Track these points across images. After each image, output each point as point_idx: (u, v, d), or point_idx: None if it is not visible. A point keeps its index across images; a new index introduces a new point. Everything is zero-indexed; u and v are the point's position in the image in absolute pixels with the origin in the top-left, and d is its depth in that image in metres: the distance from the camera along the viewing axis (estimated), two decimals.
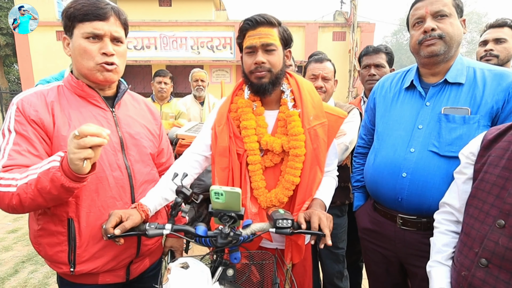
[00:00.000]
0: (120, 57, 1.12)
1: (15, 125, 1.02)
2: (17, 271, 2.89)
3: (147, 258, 1.30)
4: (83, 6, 1.03)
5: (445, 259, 1.02)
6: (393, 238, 1.33)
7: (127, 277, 1.23)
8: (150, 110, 1.35)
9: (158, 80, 3.27)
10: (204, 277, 0.93)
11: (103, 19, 1.05)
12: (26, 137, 1.01)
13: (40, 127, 1.03)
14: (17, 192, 0.93)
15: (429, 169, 1.20)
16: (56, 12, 12.52)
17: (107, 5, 1.07)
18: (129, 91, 1.29)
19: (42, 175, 0.92)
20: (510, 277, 0.81)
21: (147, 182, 1.22)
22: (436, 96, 1.26)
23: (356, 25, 11.91)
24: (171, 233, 1.03)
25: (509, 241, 0.83)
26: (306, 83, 1.30)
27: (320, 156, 1.22)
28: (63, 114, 1.07)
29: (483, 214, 0.91)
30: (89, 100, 1.13)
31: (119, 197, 1.13)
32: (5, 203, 0.96)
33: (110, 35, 1.07)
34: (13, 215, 4.29)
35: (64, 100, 1.10)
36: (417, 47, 1.25)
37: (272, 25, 1.18)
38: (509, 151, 0.90)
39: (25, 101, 1.04)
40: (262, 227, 1.06)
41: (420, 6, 1.23)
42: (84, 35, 1.05)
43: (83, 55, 1.06)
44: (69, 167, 0.89)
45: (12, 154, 0.99)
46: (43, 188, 0.92)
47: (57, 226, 1.08)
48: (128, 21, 1.16)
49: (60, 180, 0.91)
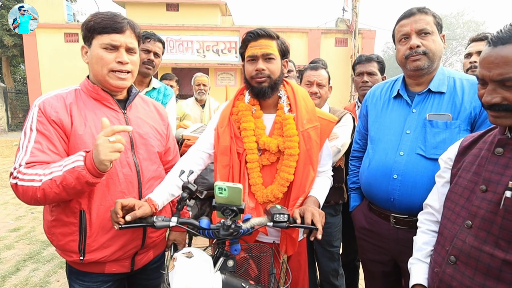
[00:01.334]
0: (133, 65, 1.23)
1: (37, 125, 1.11)
2: (19, 269, 2.92)
3: (151, 250, 1.38)
4: (103, 20, 1.15)
5: (424, 257, 1.09)
6: (387, 236, 1.41)
7: (132, 267, 1.31)
8: (158, 112, 1.44)
9: (165, 83, 3.38)
10: (206, 265, 1.02)
11: (120, 32, 1.17)
12: (47, 136, 1.11)
13: (60, 127, 1.13)
14: (42, 187, 1.03)
15: (417, 170, 1.30)
16: (65, 14, 12.73)
17: (124, 19, 1.19)
18: (139, 94, 1.39)
19: (67, 173, 1.02)
20: (474, 273, 0.88)
21: (154, 179, 1.31)
22: (421, 103, 1.36)
23: (358, 31, 12.08)
24: (177, 225, 1.12)
25: (474, 240, 0.89)
26: (301, 90, 1.41)
27: (313, 156, 1.33)
28: (80, 115, 1.17)
29: (454, 215, 0.98)
30: (103, 102, 1.23)
31: (128, 191, 1.22)
32: (28, 196, 1.06)
33: (125, 46, 1.19)
34: (15, 214, 4.37)
35: (81, 102, 1.20)
36: (404, 61, 1.35)
37: (272, 38, 1.30)
38: (479, 158, 0.97)
39: (46, 103, 1.14)
40: (261, 222, 1.16)
41: (405, 23, 1.33)
42: (102, 45, 1.16)
43: (99, 62, 1.17)
44: (93, 166, 1.01)
45: (34, 152, 1.09)
46: (68, 184, 1.03)
47: (70, 217, 1.17)
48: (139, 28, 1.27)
49: (85, 178, 1.02)
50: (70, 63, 12.70)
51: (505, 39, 0.81)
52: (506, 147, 0.89)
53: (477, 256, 0.88)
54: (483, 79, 0.87)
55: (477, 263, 0.88)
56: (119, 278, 1.33)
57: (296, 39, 12.70)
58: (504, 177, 0.86)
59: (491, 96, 0.85)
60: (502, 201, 0.84)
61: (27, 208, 4.55)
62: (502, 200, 0.84)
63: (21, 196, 1.08)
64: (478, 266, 0.87)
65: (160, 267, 1.48)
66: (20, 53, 15.29)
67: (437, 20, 1.33)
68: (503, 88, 0.83)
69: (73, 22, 13.21)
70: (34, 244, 3.44)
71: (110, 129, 1.01)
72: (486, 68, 0.84)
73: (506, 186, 0.84)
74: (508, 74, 0.80)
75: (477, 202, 0.91)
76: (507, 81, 0.81)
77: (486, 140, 0.98)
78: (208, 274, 0.99)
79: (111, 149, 1.00)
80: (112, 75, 1.18)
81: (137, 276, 1.41)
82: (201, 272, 0.98)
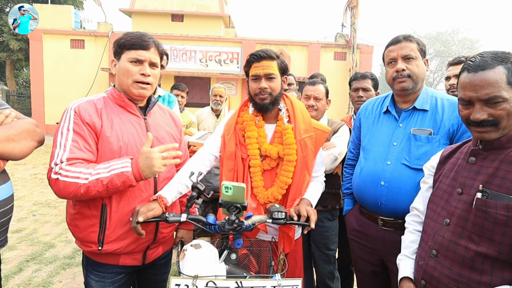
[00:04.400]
0: (154, 78, 1.39)
1: (73, 126, 1.25)
2: (21, 270, 2.95)
3: (161, 246, 1.49)
4: (132, 38, 1.33)
5: (411, 253, 1.21)
6: (376, 237, 1.55)
7: (143, 261, 1.42)
8: (173, 119, 1.60)
9: (176, 93, 3.57)
10: (213, 256, 1.15)
11: (145, 49, 1.33)
12: (83, 136, 1.25)
13: (92, 129, 1.28)
14: (88, 184, 1.17)
15: (402, 178, 1.44)
16: (72, 22, 12.93)
17: (150, 39, 1.36)
18: (157, 103, 1.55)
19: (115, 176, 1.19)
20: (452, 264, 1.02)
21: (168, 178, 1.44)
22: (407, 119, 1.52)
23: (356, 46, 12.38)
24: (187, 220, 1.25)
25: (452, 235, 1.03)
26: (298, 103, 1.58)
27: (308, 162, 1.49)
28: (108, 119, 1.32)
29: (436, 214, 1.12)
30: (127, 109, 1.38)
31: (145, 189, 1.36)
32: (69, 191, 1.18)
33: (149, 61, 1.35)
34: (16, 216, 4.29)
35: (109, 108, 1.35)
36: (391, 82, 1.52)
37: (273, 59, 1.47)
38: (456, 166, 1.12)
39: (81, 107, 1.29)
40: (261, 219, 1.29)
41: (393, 49, 1.50)
42: (130, 59, 1.33)
43: (126, 74, 1.33)
44: (139, 173, 1.20)
45: (73, 149, 1.23)
46: (113, 185, 1.19)
47: (92, 211, 1.30)
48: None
49: (130, 182, 1.20)
50: (74, 68, 12.89)
51: (482, 66, 0.98)
52: (478, 156, 1.05)
53: (454, 249, 1.01)
54: (469, 100, 1.01)
55: (454, 255, 1.01)
56: (130, 271, 1.45)
57: (297, 52, 12.96)
58: (476, 182, 1.01)
59: (480, 114, 0.99)
60: (474, 202, 0.99)
61: (28, 211, 4.60)
62: (474, 200, 0.99)
63: (60, 190, 1.20)
64: (455, 258, 1.01)
65: (167, 263, 1.60)
66: (25, 57, 15.47)
67: (421, 46, 1.50)
68: (488, 106, 0.98)
69: (79, 29, 13.49)
70: (36, 246, 3.49)
71: (164, 147, 1.24)
72: (473, 90, 0.99)
73: (477, 189, 0.99)
74: (493, 93, 0.96)
75: (454, 203, 1.05)
76: (492, 99, 0.97)
77: (462, 150, 1.14)
78: (214, 262, 1.13)
79: (163, 163, 1.21)
80: (135, 85, 1.34)
81: (146, 270, 1.53)
82: (208, 260, 1.12)
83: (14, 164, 7.52)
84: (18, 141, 1.21)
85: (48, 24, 12.58)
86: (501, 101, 0.96)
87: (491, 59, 0.97)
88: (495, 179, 0.97)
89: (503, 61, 0.96)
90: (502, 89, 0.95)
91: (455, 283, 1.00)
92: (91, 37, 12.97)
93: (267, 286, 1.07)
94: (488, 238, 0.95)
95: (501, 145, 1.00)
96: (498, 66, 0.96)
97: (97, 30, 13.13)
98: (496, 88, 0.95)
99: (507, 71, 0.95)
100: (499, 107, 0.96)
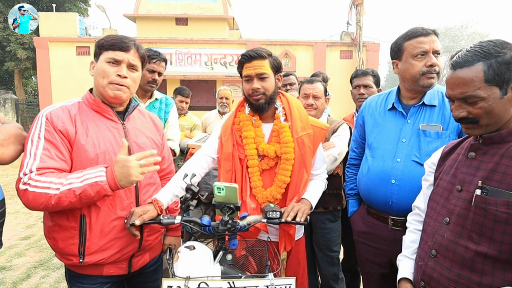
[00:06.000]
0: (133, 81, 1.33)
1: (45, 134, 1.19)
2: (29, 276, 2.99)
3: (147, 253, 1.45)
4: (112, 39, 1.29)
5: (411, 254, 1.18)
6: (385, 237, 1.50)
7: (129, 269, 1.38)
8: (154, 123, 1.54)
9: (180, 99, 3.56)
10: (207, 257, 1.14)
11: (124, 50, 1.29)
12: (55, 144, 1.20)
13: (65, 136, 1.22)
14: (59, 195, 1.12)
15: (413, 176, 1.40)
16: (77, 29, 13.08)
17: (131, 41, 1.32)
18: (138, 107, 1.48)
19: (88, 186, 1.13)
20: (451, 264, 0.98)
21: (149, 185, 1.40)
22: (415, 115, 1.48)
23: (362, 44, 12.18)
24: (181, 222, 1.25)
25: (451, 234, 0.99)
26: (295, 101, 1.56)
27: (306, 160, 1.46)
28: (82, 126, 1.26)
29: (436, 213, 1.08)
30: (103, 114, 1.32)
31: (126, 196, 1.31)
32: (39, 202, 1.13)
33: (128, 62, 1.30)
34: (25, 222, 4.44)
35: (83, 114, 1.29)
36: (418, 76, 1.41)
37: (263, 58, 1.44)
38: (457, 162, 1.08)
39: (53, 114, 1.23)
40: (256, 219, 1.28)
41: (425, 41, 1.38)
42: (107, 59, 1.28)
43: (101, 74, 1.28)
44: (115, 182, 1.15)
45: (43, 158, 1.17)
46: (87, 195, 1.14)
47: (71, 222, 1.24)
48: (146, 39, 1.43)
49: (105, 191, 1.15)
50: (81, 75, 13.06)
51: (461, 63, 0.95)
52: (477, 151, 1.01)
53: (454, 249, 0.98)
54: (449, 97, 1.00)
55: (454, 255, 0.97)
56: (117, 281, 1.40)
57: (302, 51, 12.90)
58: (476, 178, 0.97)
59: (458, 111, 0.98)
60: (473, 199, 0.95)
61: (37, 217, 4.65)
62: (473, 198, 0.95)
63: (30, 202, 1.14)
64: (454, 258, 0.97)
65: (157, 270, 1.55)
66: (32, 65, 15.69)
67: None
68: (467, 104, 0.96)
69: (85, 36, 13.73)
70: (44, 252, 3.53)
71: (142, 154, 1.18)
72: (450, 88, 0.98)
73: (477, 186, 0.95)
74: (468, 93, 0.93)
75: (454, 200, 1.02)
76: (467, 98, 0.94)
77: (463, 146, 1.10)
78: (208, 264, 1.11)
79: (140, 172, 1.17)
80: (111, 86, 1.28)
81: (135, 279, 1.48)
82: (201, 261, 1.11)
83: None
84: (6, 146, 1.19)
85: (54, 32, 12.73)
86: (477, 100, 0.93)
87: (473, 55, 0.93)
88: (496, 175, 0.93)
89: (485, 57, 0.91)
90: (477, 88, 0.92)
91: (455, 284, 0.96)
92: None
93: (260, 286, 1.06)
94: (488, 237, 0.92)
95: (501, 139, 0.96)
96: (478, 63, 0.92)
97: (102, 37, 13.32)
98: (470, 87, 0.93)
99: (487, 68, 0.91)
100: (476, 106, 0.94)
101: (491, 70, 0.91)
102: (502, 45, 0.93)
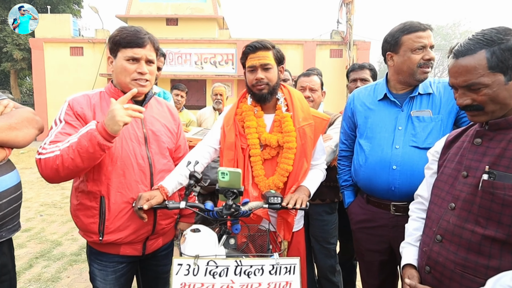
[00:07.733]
0: (151, 74, 1.40)
1: (65, 116, 1.30)
2: (31, 266, 3.10)
3: (160, 238, 1.51)
4: (127, 35, 1.32)
5: (414, 241, 1.19)
6: (387, 224, 1.54)
7: (143, 251, 1.45)
8: (170, 112, 1.59)
9: (176, 93, 3.70)
10: (212, 239, 1.17)
11: (141, 46, 1.33)
12: (72, 125, 1.29)
13: (83, 119, 1.31)
14: (61, 153, 1.18)
15: (413, 160, 1.45)
16: (71, 30, 13.13)
17: (145, 35, 1.35)
18: (155, 96, 1.55)
19: (81, 137, 1.18)
20: (457, 248, 0.99)
21: (164, 171, 1.45)
22: (408, 103, 1.54)
23: (352, 43, 12.29)
24: (186, 207, 1.28)
25: (457, 219, 1.00)
26: (296, 92, 1.60)
27: (307, 150, 1.50)
28: (102, 113, 1.34)
29: (440, 200, 1.09)
30: None
31: (141, 181, 1.37)
32: (49, 167, 1.19)
33: (145, 58, 1.35)
34: (25, 216, 4.43)
35: (104, 102, 1.37)
36: (415, 69, 1.47)
37: (268, 49, 1.47)
38: (462, 149, 1.08)
39: (75, 100, 1.34)
40: (258, 205, 1.31)
41: (424, 36, 1.44)
42: (126, 58, 1.32)
43: (123, 72, 1.34)
44: (104, 129, 1.16)
45: (58, 135, 1.25)
46: (82, 147, 1.16)
47: (92, 202, 1.34)
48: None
49: (96, 138, 1.16)
50: (74, 75, 13.01)
51: (464, 52, 0.96)
52: (483, 137, 1.01)
53: (460, 233, 0.98)
54: (453, 86, 1.03)
55: (460, 240, 0.98)
56: (132, 261, 1.48)
57: (292, 50, 12.97)
58: (482, 163, 0.98)
59: (462, 99, 0.99)
60: (480, 184, 0.95)
61: (36, 211, 4.77)
62: (480, 182, 0.96)
63: (43, 170, 1.21)
64: (461, 242, 0.98)
65: (169, 255, 1.62)
66: (28, 66, 15.72)
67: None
68: (471, 91, 0.97)
69: (78, 36, 13.59)
70: (45, 244, 3.63)
71: (125, 97, 1.21)
72: (454, 76, 1.00)
73: (483, 171, 0.96)
74: (471, 80, 0.95)
75: (460, 186, 1.02)
76: (471, 85, 0.97)
77: (468, 133, 1.11)
78: (213, 245, 1.15)
79: (126, 113, 1.18)
80: (134, 83, 1.35)
81: (148, 261, 1.56)
82: (208, 242, 1.14)
83: (21, 168, 7.62)
84: (20, 129, 1.25)
85: (48, 33, 12.84)
86: (481, 87, 0.94)
87: (475, 43, 0.95)
88: (503, 160, 0.94)
89: (488, 44, 0.92)
90: (481, 75, 0.93)
91: (462, 268, 0.97)
92: (90, 44, 13.17)
93: (266, 265, 1.09)
94: (496, 221, 0.92)
95: (508, 125, 0.96)
96: (481, 50, 0.93)
97: (95, 37, 13.33)
98: (473, 74, 0.93)
99: (490, 55, 0.91)
100: (480, 93, 0.94)
101: (495, 57, 0.92)
102: (505, 32, 0.93)
